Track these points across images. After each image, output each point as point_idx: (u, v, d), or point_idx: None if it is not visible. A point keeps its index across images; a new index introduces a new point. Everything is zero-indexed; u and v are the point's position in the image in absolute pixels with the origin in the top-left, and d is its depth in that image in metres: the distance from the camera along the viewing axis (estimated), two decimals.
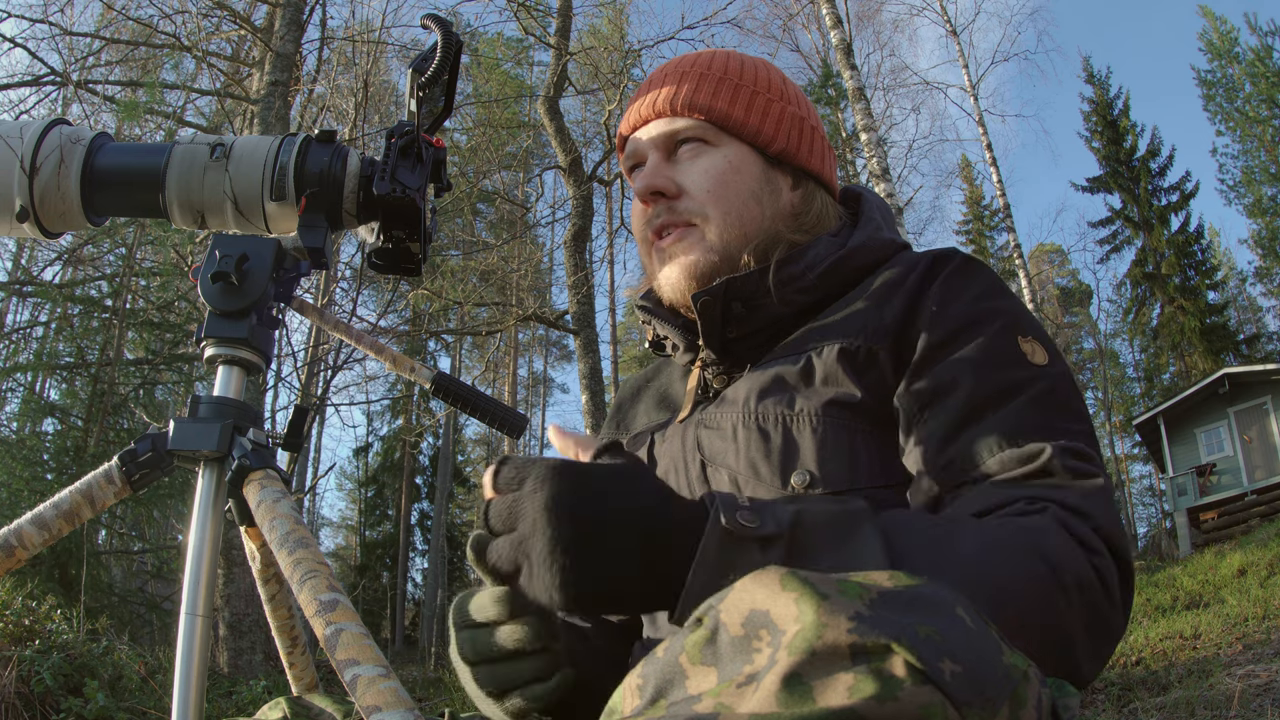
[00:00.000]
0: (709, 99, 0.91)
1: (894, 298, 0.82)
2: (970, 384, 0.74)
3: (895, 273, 0.85)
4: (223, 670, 6.88)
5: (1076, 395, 0.76)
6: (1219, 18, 23.94)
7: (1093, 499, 0.67)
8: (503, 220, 18.00)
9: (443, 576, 22.34)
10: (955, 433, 0.73)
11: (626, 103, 1.01)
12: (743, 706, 0.39)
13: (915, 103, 29.75)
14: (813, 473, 0.77)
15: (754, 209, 0.90)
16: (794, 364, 0.82)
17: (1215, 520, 14.77)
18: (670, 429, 0.92)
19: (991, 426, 0.72)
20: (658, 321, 0.96)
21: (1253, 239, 23.33)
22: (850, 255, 0.89)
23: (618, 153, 0.99)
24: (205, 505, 0.91)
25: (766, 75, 0.95)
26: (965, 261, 0.85)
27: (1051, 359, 0.77)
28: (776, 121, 0.92)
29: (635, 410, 1.04)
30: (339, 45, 9.88)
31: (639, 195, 0.92)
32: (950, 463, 0.73)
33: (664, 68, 0.97)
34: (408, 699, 0.61)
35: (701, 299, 0.86)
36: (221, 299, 0.95)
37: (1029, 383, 0.74)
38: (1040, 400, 0.73)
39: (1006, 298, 0.82)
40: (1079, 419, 0.74)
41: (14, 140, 0.92)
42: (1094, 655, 0.64)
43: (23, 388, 9.26)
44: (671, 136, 0.92)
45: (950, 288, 0.82)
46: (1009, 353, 0.76)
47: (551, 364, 28.85)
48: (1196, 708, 3.36)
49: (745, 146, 0.92)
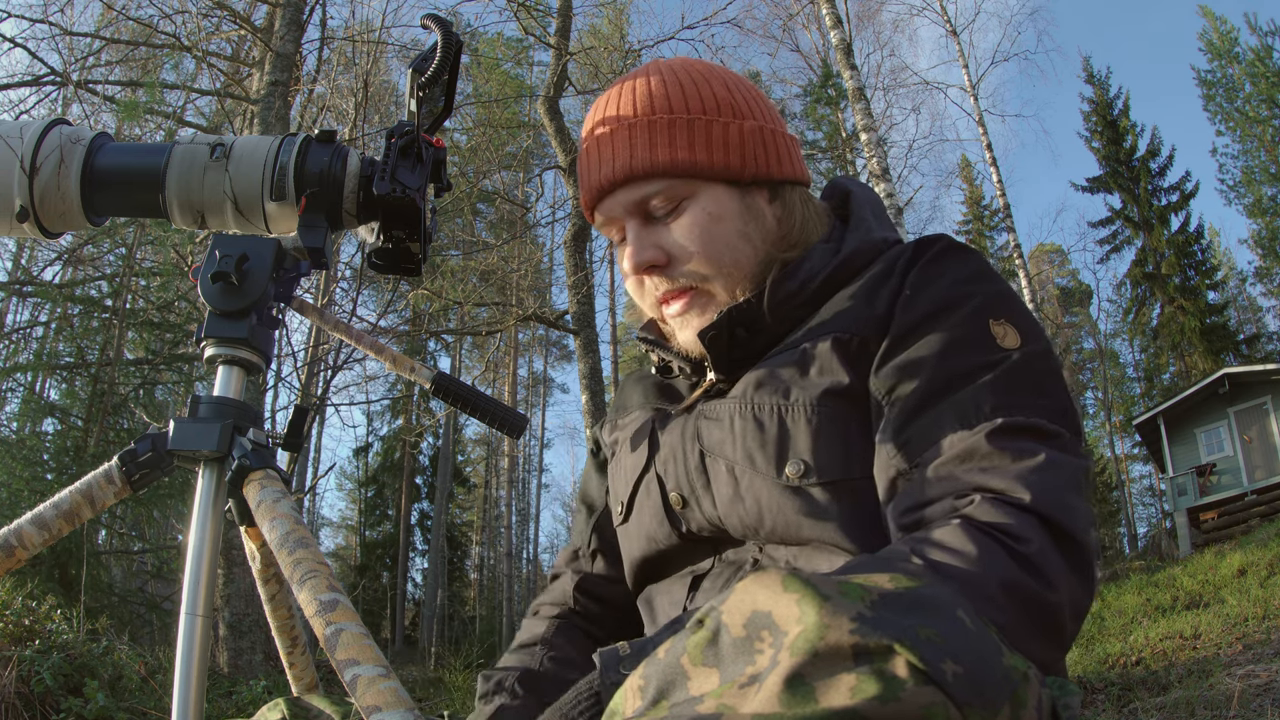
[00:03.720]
0: (667, 153, 0.86)
1: (883, 288, 0.82)
2: (932, 368, 0.74)
3: (885, 265, 0.85)
4: (223, 670, 6.88)
5: (1048, 373, 0.74)
6: (1219, 18, 23.97)
7: (1028, 476, 0.64)
8: (503, 220, 18.00)
9: (443, 576, 22.35)
10: (913, 417, 0.73)
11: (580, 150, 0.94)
12: (745, 707, 0.39)
13: (915, 103, 29.77)
14: (807, 462, 0.77)
15: (745, 248, 0.88)
16: (790, 357, 0.82)
17: (1215, 520, 14.77)
18: (674, 418, 0.92)
19: (947, 409, 0.71)
20: (661, 351, 0.96)
21: (1253, 239, 23.35)
22: (846, 262, 0.88)
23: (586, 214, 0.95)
24: (205, 505, 0.91)
25: (711, 93, 0.89)
26: (947, 246, 0.84)
27: (1026, 340, 0.75)
28: (739, 147, 0.88)
29: (633, 393, 1.04)
30: (339, 45, 9.88)
31: (633, 272, 0.90)
32: (906, 444, 0.72)
33: (603, 117, 0.91)
34: (408, 699, 0.61)
35: (709, 334, 0.86)
36: (221, 299, 0.95)
37: (992, 365, 0.73)
38: (1000, 381, 0.72)
39: (984, 281, 0.80)
40: (1044, 395, 0.72)
41: (14, 140, 0.92)
42: (1053, 645, 0.62)
43: (23, 388, 9.26)
44: (641, 204, 0.88)
45: (927, 273, 0.81)
46: (977, 336, 0.75)
47: (551, 364, 28.89)
48: (1196, 708, 3.36)
49: (718, 186, 0.88)
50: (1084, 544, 0.64)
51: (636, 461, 0.93)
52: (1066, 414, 0.72)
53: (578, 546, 1.07)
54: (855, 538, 0.75)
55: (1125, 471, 27.02)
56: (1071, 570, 0.62)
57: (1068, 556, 0.62)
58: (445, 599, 21.89)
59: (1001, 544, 0.60)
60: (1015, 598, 0.58)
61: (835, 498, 0.76)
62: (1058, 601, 0.60)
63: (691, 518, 0.86)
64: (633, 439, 0.96)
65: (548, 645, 0.98)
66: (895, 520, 0.71)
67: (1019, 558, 0.60)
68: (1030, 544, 0.61)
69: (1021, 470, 0.65)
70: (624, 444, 0.98)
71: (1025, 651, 0.56)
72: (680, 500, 0.86)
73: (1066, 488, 0.66)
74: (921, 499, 0.68)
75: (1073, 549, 0.63)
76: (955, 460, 0.68)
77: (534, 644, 0.99)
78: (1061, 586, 0.61)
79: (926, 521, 0.67)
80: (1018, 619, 0.58)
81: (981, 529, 0.61)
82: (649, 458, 0.92)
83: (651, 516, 0.90)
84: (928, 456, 0.70)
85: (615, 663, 0.59)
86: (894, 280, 0.82)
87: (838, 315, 0.83)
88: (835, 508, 0.76)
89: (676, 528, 0.87)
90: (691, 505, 0.85)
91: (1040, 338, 0.76)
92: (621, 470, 0.97)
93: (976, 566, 0.59)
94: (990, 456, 0.67)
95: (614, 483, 1.00)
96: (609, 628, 1.03)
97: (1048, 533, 0.62)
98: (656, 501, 0.89)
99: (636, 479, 0.93)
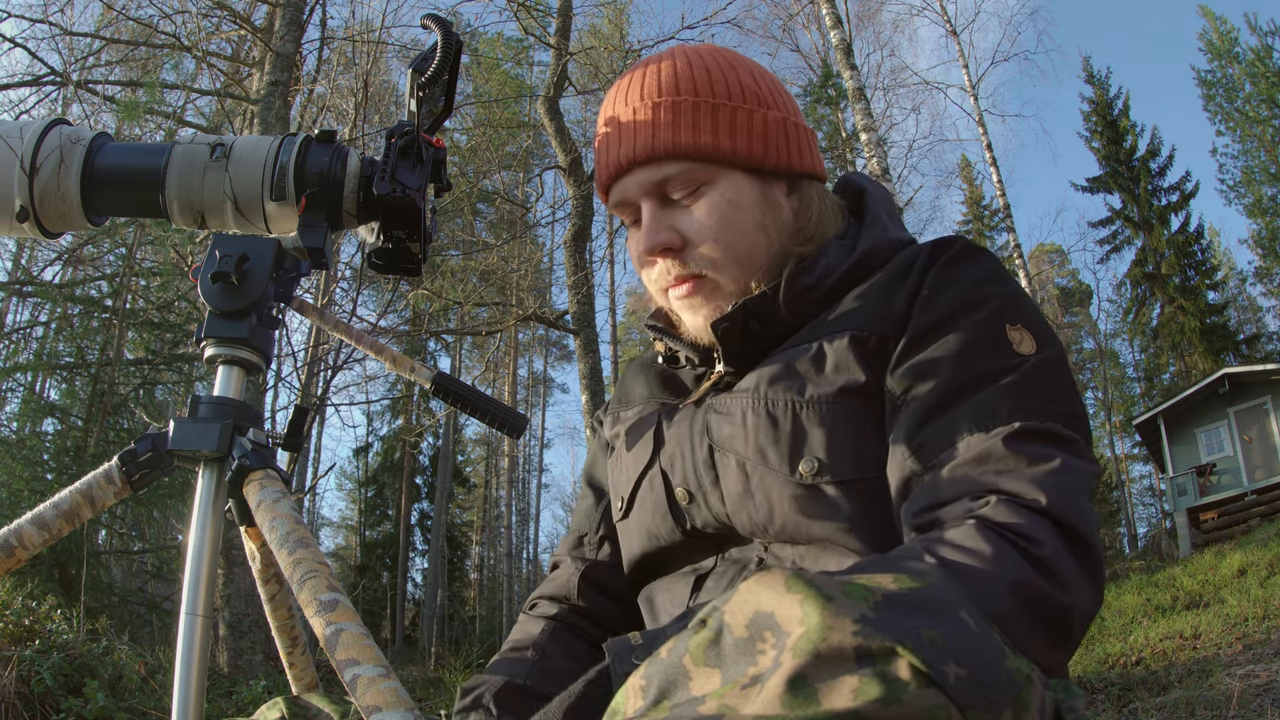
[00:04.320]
0: (690, 135, 0.85)
1: (901, 288, 0.82)
2: (949, 370, 0.74)
3: (901, 264, 0.85)
4: (223, 670, 6.88)
5: (1062, 379, 0.74)
6: (1219, 18, 23.96)
7: (1043, 480, 0.65)
8: (503, 220, 18.00)
9: (443, 576, 22.36)
10: (929, 418, 0.73)
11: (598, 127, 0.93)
12: (747, 708, 0.39)
13: (915, 103, 29.80)
14: (821, 460, 0.76)
15: (760, 240, 0.87)
16: (805, 352, 0.81)
17: (1215, 520, 14.77)
18: (680, 412, 0.90)
19: (963, 412, 0.71)
20: (670, 340, 0.95)
21: (1253, 239, 23.35)
22: (862, 259, 0.87)
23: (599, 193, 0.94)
24: (205, 505, 0.91)
25: (737, 79, 0.88)
26: (964, 248, 0.84)
27: (1041, 345, 0.75)
28: (762, 136, 0.87)
29: (636, 384, 1.01)
30: (339, 45, 9.88)
31: (646, 254, 0.88)
32: (920, 447, 0.72)
33: (626, 92, 0.89)
34: (408, 699, 0.61)
35: (722, 326, 0.86)
36: (221, 299, 0.95)
37: (1009, 369, 0.73)
38: (1017, 385, 0.72)
39: (1000, 284, 0.80)
40: (1059, 401, 0.72)
41: (14, 140, 0.92)
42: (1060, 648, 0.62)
43: (23, 388, 9.26)
44: (659, 185, 0.87)
45: (944, 275, 0.81)
46: (993, 340, 0.75)
47: (551, 364, 28.89)
48: (1196, 708, 3.36)
49: (738, 173, 0.87)
50: (1096, 548, 0.64)
51: (640, 456, 0.91)
52: (1080, 419, 0.72)
53: (583, 532, 1.03)
54: (866, 538, 0.75)
55: (1125, 471, 27.02)
56: (1084, 574, 0.62)
57: (1081, 560, 0.63)
58: (445, 599, 21.90)
59: (1015, 545, 0.61)
60: (1026, 599, 0.59)
61: (848, 497, 0.76)
62: (1069, 604, 0.60)
63: (697, 514, 0.85)
64: (636, 433, 0.94)
65: (540, 652, 0.93)
66: (909, 521, 0.70)
67: (1033, 559, 0.60)
68: (1044, 546, 0.61)
69: (1037, 474, 0.66)
70: (626, 438, 0.95)
71: (1032, 653, 0.56)
72: (686, 495, 0.85)
73: (1079, 492, 0.66)
74: (936, 500, 0.68)
75: (1085, 553, 0.63)
76: (971, 462, 0.68)
77: (525, 648, 0.94)
78: (1073, 590, 0.61)
79: (941, 522, 0.66)
80: (1027, 620, 0.58)
81: (996, 530, 0.62)
82: (654, 452, 0.90)
83: (654, 512, 0.88)
84: (943, 458, 0.70)
85: (628, 653, 0.57)
86: (912, 280, 0.82)
87: (854, 312, 0.82)
88: (848, 507, 0.76)
89: (681, 524, 0.86)
90: (698, 501, 0.84)
91: (1054, 343, 0.76)
92: (623, 465, 0.95)
93: (989, 566, 0.59)
94: (1006, 460, 0.67)
95: (614, 477, 0.98)
96: (612, 625, 0.98)
97: (1062, 536, 0.63)
98: (660, 497, 0.88)
99: (639, 474, 0.91)
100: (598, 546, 1.01)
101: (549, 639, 0.95)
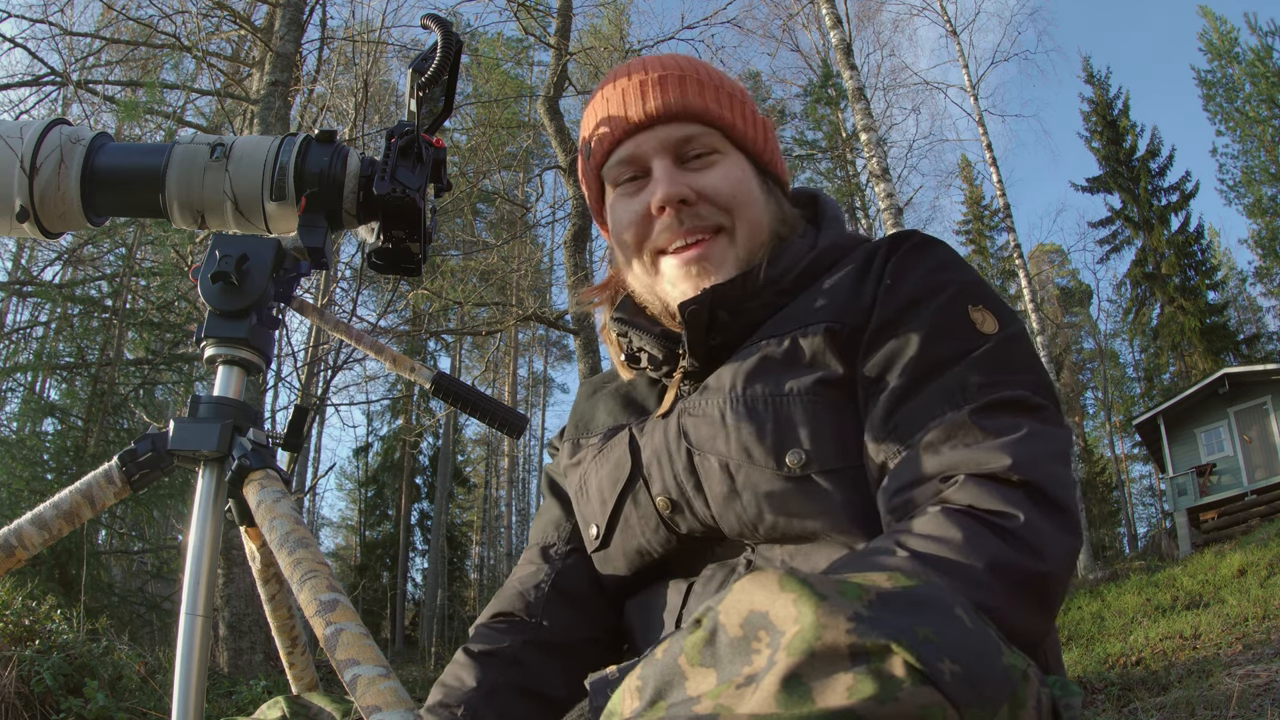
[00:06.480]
0: (715, 106, 0.90)
1: (866, 280, 0.84)
2: (917, 353, 0.76)
3: (863, 257, 0.87)
4: (223, 670, 6.87)
5: (1027, 352, 0.76)
6: (1219, 18, 23.97)
7: (1012, 447, 0.66)
8: (503, 220, 17.98)
9: (443, 576, 22.33)
10: (901, 401, 0.74)
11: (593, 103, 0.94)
12: (742, 708, 0.39)
13: (915, 103, 29.80)
14: (807, 450, 0.77)
15: (764, 219, 0.91)
16: (778, 346, 0.82)
17: (1215, 520, 14.76)
18: (650, 422, 0.90)
19: (933, 392, 0.73)
20: (635, 332, 0.93)
21: (1253, 239, 23.35)
22: (823, 254, 0.90)
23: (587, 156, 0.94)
24: (205, 505, 0.91)
25: (733, 82, 0.96)
26: (921, 240, 0.86)
27: (1003, 324, 0.77)
28: (762, 130, 0.94)
29: (595, 410, 1.00)
30: (339, 45, 9.87)
31: (660, 203, 0.87)
32: (895, 429, 0.74)
33: (643, 66, 0.92)
34: (408, 699, 0.61)
35: (690, 308, 0.85)
36: (221, 299, 0.95)
37: (974, 348, 0.75)
38: (984, 361, 0.74)
39: (959, 270, 0.82)
40: (1025, 371, 0.74)
41: (14, 140, 0.92)
42: (1045, 613, 0.63)
43: (23, 388, 9.26)
44: (683, 142, 0.89)
45: (904, 263, 0.83)
46: (957, 321, 0.77)
47: (551, 364, 28.89)
48: (1196, 708, 3.36)
49: (743, 157, 0.92)
50: (1069, 508, 0.65)
51: (617, 476, 0.89)
52: (1048, 387, 0.74)
53: (549, 543, 0.99)
54: (856, 526, 0.75)
55: (1125, 471, 27.01)
56: (1058, 531, 0.64)
57: (1053, 520, 0.64)
58: (445, 599, 21.87)
59: (985, 524, 0.62)
60: (1005, 577, 0.60)
61: (837, 486, 0.76)
62: (1046, 571, 0.62)
63: (682, 521, 0.84)
64: (608, 456, 0.91)
65: (470, 713, 0.84)
66: (885, 504, 0.72)
67: (1004, 534, 0.61)
68: (1015, 518, 0.62)
69: (1006, 443, 0.67)
70: (596, 464, 0.93)
71: (1019, 625, 0.58)
72: (668, 505, 0.84)
73: (1051, 457, 0.67)
74: (908, 480, 0.70)
75: (1058, 514, 0.64)
76: (942, 439, 0.70)
77: (455, 705, 0.85)
78: (1048, 554, 0.62)
79: (914, 504, 0.68)
80: (1010, 597, 0.59)
81: (964, 512, 0.63)
82: (633, 470, 0.88)
83: (643, 527, 0.87)
84: (916, 439, 0.71)
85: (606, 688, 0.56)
86: (874, 272, 0.84)
87: (825, 307, 0.83)
88: (838, 496, 0.76)
89: (674, 532, 0.86)
90: (682, 508, 0.83)
91: (1015, 321, 0.78)
92: (592, 494, 0.92)
93: (961, 553, 0.60)
94: (975, 431, 0.69)
95: (583, 509, 0.94)
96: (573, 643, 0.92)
97: (1032, 501, 0.64)
98: (649, 511, 0.86)
99: (619, 495, 0.88)
100: (564, 557, 0.98)
101: (485, 695, 0.86)
